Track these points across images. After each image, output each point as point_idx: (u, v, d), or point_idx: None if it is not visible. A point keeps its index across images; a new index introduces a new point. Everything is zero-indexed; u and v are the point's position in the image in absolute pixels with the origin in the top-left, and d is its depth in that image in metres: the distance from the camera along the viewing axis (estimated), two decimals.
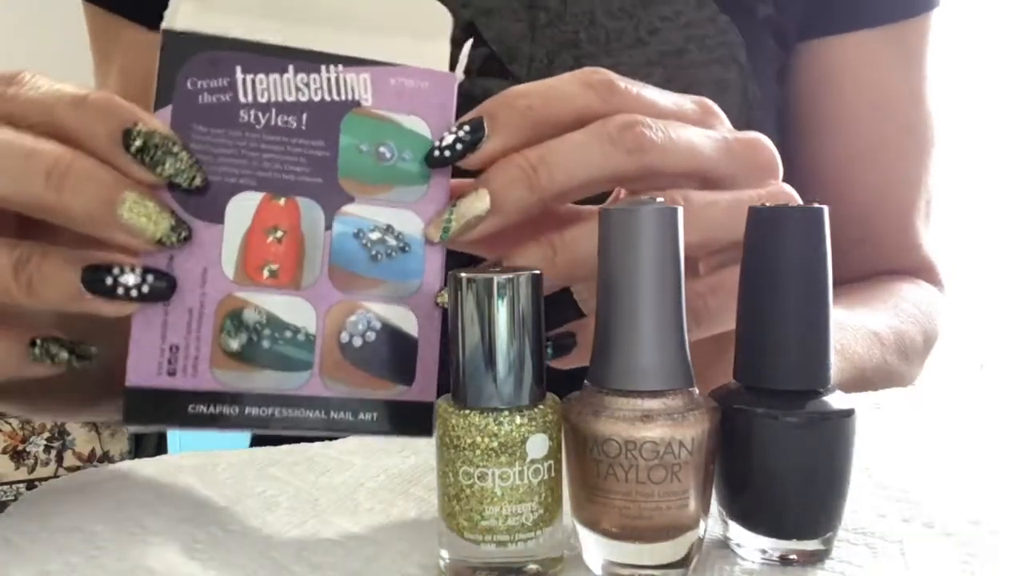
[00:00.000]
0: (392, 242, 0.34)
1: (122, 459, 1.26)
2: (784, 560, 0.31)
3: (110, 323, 0.32)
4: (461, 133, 0.33)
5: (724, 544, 0.33)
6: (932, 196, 0.67)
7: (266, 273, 0.33)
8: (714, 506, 0.32)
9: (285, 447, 0.46)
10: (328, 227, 0.34)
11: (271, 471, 0.42)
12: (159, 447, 2.00)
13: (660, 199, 0.30)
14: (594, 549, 0.30)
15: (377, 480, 0.40)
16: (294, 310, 0.33)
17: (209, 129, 0.33)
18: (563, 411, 0.30)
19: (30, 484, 1.88)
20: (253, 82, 0.33)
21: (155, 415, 0.32)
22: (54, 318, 0.34)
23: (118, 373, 0.32)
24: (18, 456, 1.91)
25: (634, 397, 0.29)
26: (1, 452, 1.89)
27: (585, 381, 0.31)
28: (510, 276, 0.29)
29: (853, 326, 0.55)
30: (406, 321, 0.34)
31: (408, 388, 0.34)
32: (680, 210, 0.30)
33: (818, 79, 0.62)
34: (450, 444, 0.29)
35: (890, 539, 0.33)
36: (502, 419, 0.29)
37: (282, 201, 0.33)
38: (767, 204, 0.32)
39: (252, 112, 0.33)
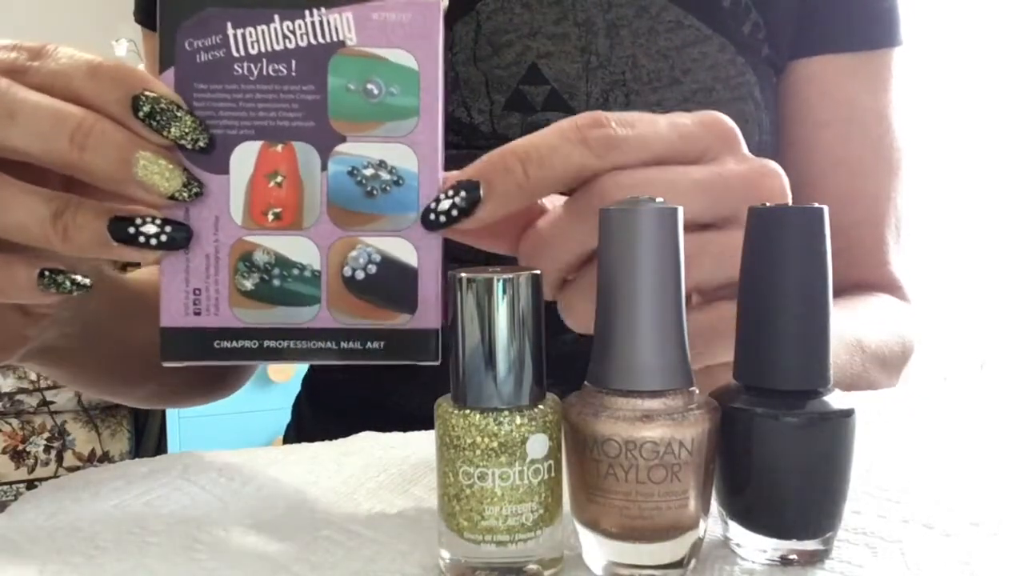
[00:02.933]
0: (386, 176, 0.35)
1: (122, 459, 1.26)
2: (784, 560, 0.31)
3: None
4: (457, 200, 0.34)
5: (724, 544, 0.33)
6: (902, 218, 0.70)
7: (271, 216, 0.35)
8: (714, 506, 0.32)
9: (285, 447, 0.46)
10: (324, 168, 0.35)
11: (271, 471, 0.42)
12: (159, 447, 2.00)
13: (660, 199, 0.30)
14: (594, 549, 0.30)
15: (377, 480, 0.40)
16: (299, 249, 0.35)
17: (208, 86, 0.34)
18: (563, 411, 0.30)
19: (30, 484, 1.88)
20: (243, 36, 0.35)
21: (187, 352, 0.36)
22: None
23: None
24: (18, 456, 1.91)
25: (634, 397, 0.29)
26: (1, 452, 1.89)
27: (585, 381, 0.31)
28: (510, 276, 0.29)
29: (835, 333, 0.56)
30: (405, 252, 0.35)
31: (412, 316, 0.36)
32: (680, 210, 0.30)
33: (788, 96, 0.67)
34: (450, 444, 0.29)
35: (890, 539, 0.33)
36: (502, 419, 0.29)
37: (279, 147, 0.35)
38: (767, 205, 0.32)
39: (245, 65, 0.35)
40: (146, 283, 0.55)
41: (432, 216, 0.35)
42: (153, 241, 0.33)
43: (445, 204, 0.34)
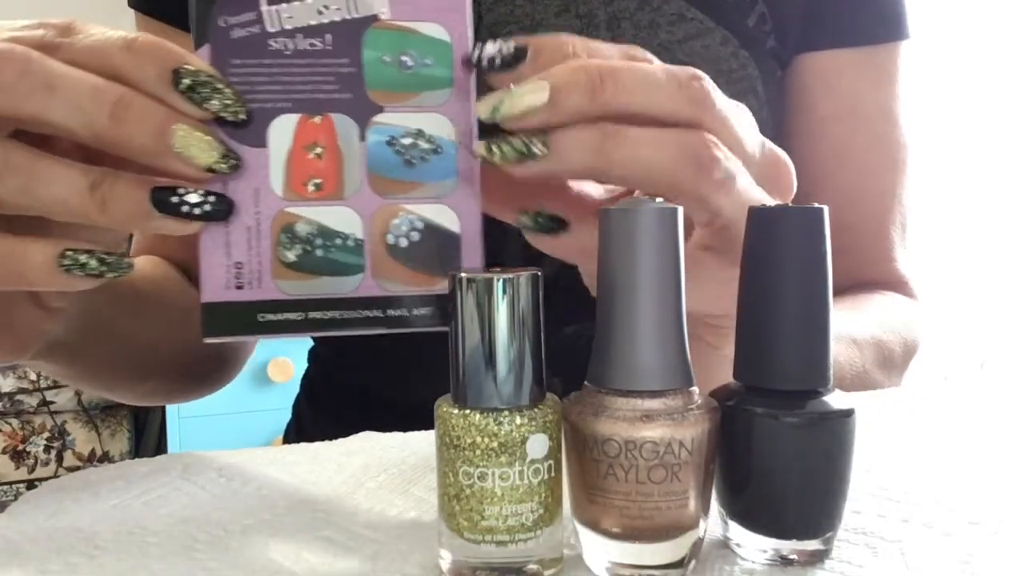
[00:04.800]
0: (424, 145, 0.35)
1: (122, 459, 1.26)
2: (784, 560, 0.31)
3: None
4: (505, 52, 0.34)
5: (724, 544, 0.33)
6: (907, 214, 0.70)
7: (311, 187, 0.35)
8: (714, 506, 0.32)
9: (285, 447, 0.46)
10: (362, 138, 0.36)
11: (271, 471, 0.42)
12: (159, 447, 2.00)
13: (659, 199, 0.30)
14: (594, 549, 0.30)
15: (377, 480, 0.40)
16: (341, 219, 0.35)
17: (244, 61, 0.35)
18: (563, 411, 0.30)
19: (30, 484, 1.88)
20: (277, 12, 0.35)
21: (230, 326, 0.35)
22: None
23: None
24: (18, 456, 1.91)
25: (634, 397, 0.29)
26: (1, 452, 1.89)
27: (585, 381, 0.31)
28: (510, 276, 0.29)
29: (836, 333, 0.56)
30: (446, 218, 0.36)
31: None
32: (680, 210, 0.30)
33: (793, 90, 0.66)
34: (450, 444, 0.29)
35: (890, 539, 0.33)
36: (502, 419, 0.29)
37: (317, 119, 0.35)
38: (767, 205, 0.32)
39: (280, 40, 0.35)
40: (148, 280, 0.55)
41: (476, 55, 0.34)
42: (197, 211, 0.33)
43: (491, 49, 0.34)
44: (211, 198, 0.33)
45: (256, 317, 0.35)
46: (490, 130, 0.35)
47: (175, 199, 0.33)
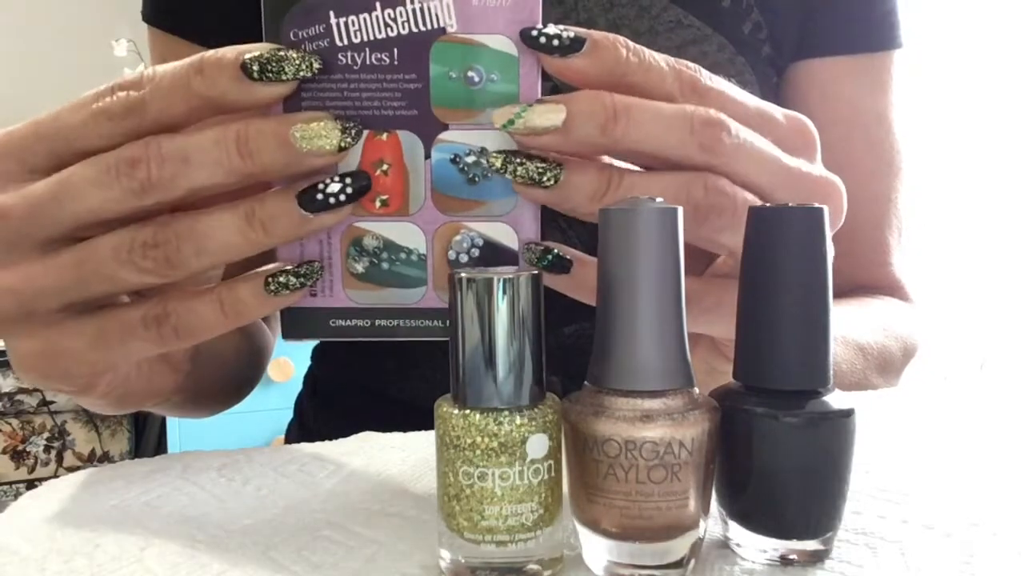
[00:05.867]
0: (487, 164, 0.36)
1: (122, 459, 1.26)
2: (784, 560, 0.31)
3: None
4: (565, 36, 0.34)
5: (724, 544, 0.33)
6: (903, 219, 0.71)
7: (378, 203, 0.36)
8: (714, 506, 0.32)
9: (285, 447, 0.46)
10: (427, 156, 0.36)
11: (271, 471, 0.42)
12: (159, 447, 2.00)
13: (660, 199, 0.30)
14: (594, 549, 0.30)
15: (377, 480, 0.40)
16: (406, 234, 0.37)
17: (314, 78, 0.35)
18: (563, 411, 0.30)
19: (30, 484, 1.88)
20: (346, 24, 0.35)
21: (306, 330, 0.38)
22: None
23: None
24: (18, 456, 1.91)
25: (634, 397, 0.29)
26: (1, 452, 1.89)
27: (585, 381, 0.31)
28: (510, 276, 0.29)
29: (837, 339, 0.57)
30: (506, 236, 0.37)
31: None
32: (680, 210, 0.30)
33: (789, 97, 0.67)
34: (450, 444, 0.29)
35: (890, 539, 0.33)
36: (502, 419, 0.29)
37: (384, 136, 0.36)
38: (767, 205, 0.32)
39: (349, 54, 0.35)
40: None
41: (535, 32, 0.34)
42: (343, 197, 0.34)
43: (552, 30, 0.34)
44: (348, 179, 0.34)
45: (328, 322, 0.37)
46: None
47: (319, 196, 0.34)
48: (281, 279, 0.35)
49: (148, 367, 0.40)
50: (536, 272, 0.30)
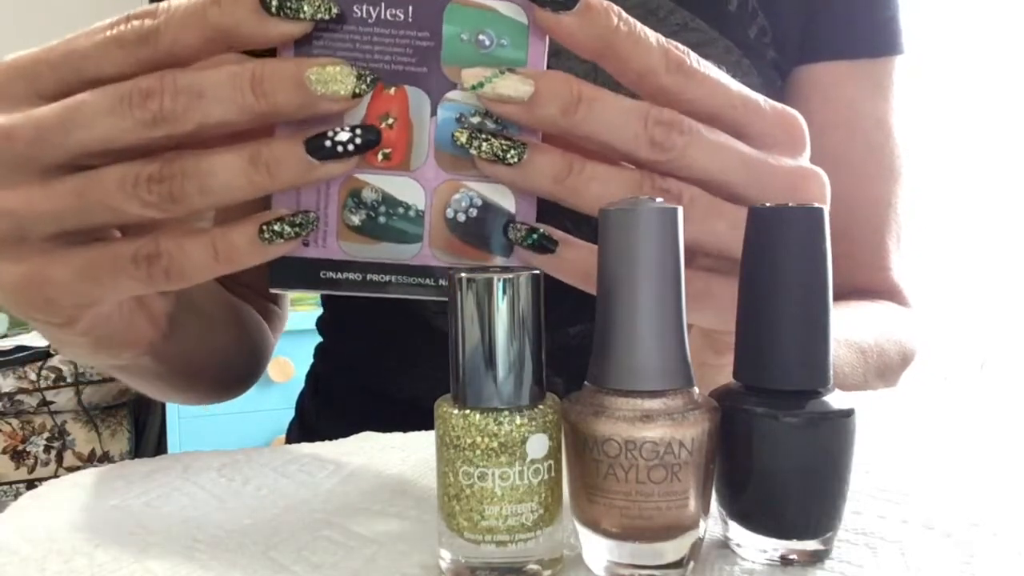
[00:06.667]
0: (491, 125, 0.36)
1: (122, 459, 1.26)
2: (784, 560, 0.31)
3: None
4: None
5: (724, 544, 0.33)
6: (902, 223, 0.71)
7: (380, 156, 0.36)
8: (714, 506, 0.32)
9: (285, 447, 0.46)
10: (433, 113, 0.36)
11: (271, 471, 0.42)
12: (159, 447, 2.00)
13: (660, 199, 0.30)
14: (594, 549, 0.30)
15: (377, 480, 0.40)
16: (405, 189, 0.36)
17: (328, 25, 0.35)
18: (563, 411, 0.30)
19: (30, 484, 1.88)
20: None
21: (295, 280, 0.37)
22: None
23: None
24: (18, 456, 1.91)
25: (634, 397, 0.29)
26: (1, 452, 1.89)
27: (585, 381, 0.31)
28: (510, 276, 0.29)
29: (842, 340, 0.58)
30: (505, 198, 0.37)
31: (507, 259, 0.37)
32: (680, 210, 0.30)
33: (791, 100, 0.67)
34: (450, 444, 0.29)
35: (890, 539, 0.33)
36: (502, 419, 0.29)
37: (392, 90, 0.36)
38: (767, 204, 0.32)
39: (364, 7, 0.35)
40: (208, 288, 0.55)
41: None
42: (351, 147, 0.34)
43: None
44: (358, 130, 0.34)
45: (319, 274, 0.37)
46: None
47: (328, 143, 0.33)
48: (276, 227, 0.35)
49: (129, 312, 0.40)
50: (536, 272, 0.30)
